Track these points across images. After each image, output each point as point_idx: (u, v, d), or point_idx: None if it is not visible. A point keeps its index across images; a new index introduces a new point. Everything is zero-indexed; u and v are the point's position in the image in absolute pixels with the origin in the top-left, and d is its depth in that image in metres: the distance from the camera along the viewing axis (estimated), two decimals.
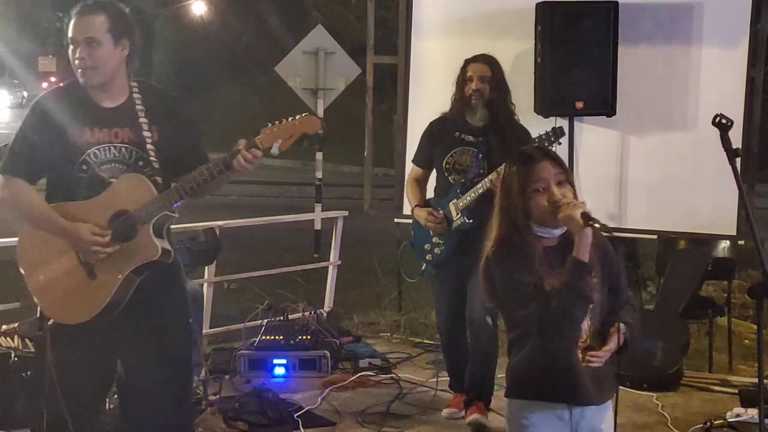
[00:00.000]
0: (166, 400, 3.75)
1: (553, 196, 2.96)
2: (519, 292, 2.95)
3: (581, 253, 2.90)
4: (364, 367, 6.17)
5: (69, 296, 3.63)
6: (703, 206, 6.50)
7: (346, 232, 7.53)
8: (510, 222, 3.02)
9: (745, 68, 6.34)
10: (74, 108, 3.62)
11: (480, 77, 5.19)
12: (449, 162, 5.26)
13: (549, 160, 3.02)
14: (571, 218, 2.89)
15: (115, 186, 3.59)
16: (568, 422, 3.07)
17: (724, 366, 6.35)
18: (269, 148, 3.59)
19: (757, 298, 3.12)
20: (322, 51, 9.72)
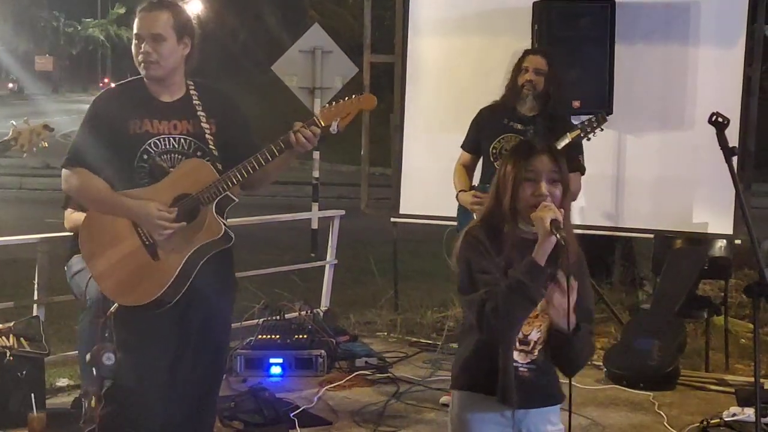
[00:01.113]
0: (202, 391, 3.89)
1: (539, 189, 2.95)
2: (474, 276, 2.92)
3: (539, 256, 2.86)
4: (361, 367, 6.16)
5: (133, 278, 3.72)
6: (699, 205, 6.51)
7: (342, 232, 7.52)
8: (497, 206, 3.01)
9: (741, 67, 6.35)
10: (134, 101, 3.77)
11: (535, 69, 5.24)
12: (496, 147, 5.29)
13: (549, 155, 3.00)
14: (541, 221, 2.87)
15: (176, 171, 3.73)
16: (510, 419, 3.05)
17: (720, 365, 6.35)
18: (328, 126, 3.72)
19: (754, 297, 3.11)
20: (319, 50, 9.72)
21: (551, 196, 2.95)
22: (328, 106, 3.75)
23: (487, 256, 2.94)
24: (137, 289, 3.71)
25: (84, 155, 3.74)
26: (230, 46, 30.91)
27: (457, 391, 3.12)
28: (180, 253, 3.71)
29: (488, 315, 2.85)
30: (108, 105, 3.80)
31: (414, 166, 7.19)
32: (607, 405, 5.54)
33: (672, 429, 5.19)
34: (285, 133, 3.75)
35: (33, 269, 5.94)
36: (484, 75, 6.79)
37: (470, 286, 2.93)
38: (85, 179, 3.74)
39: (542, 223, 2.86)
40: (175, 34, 3.76)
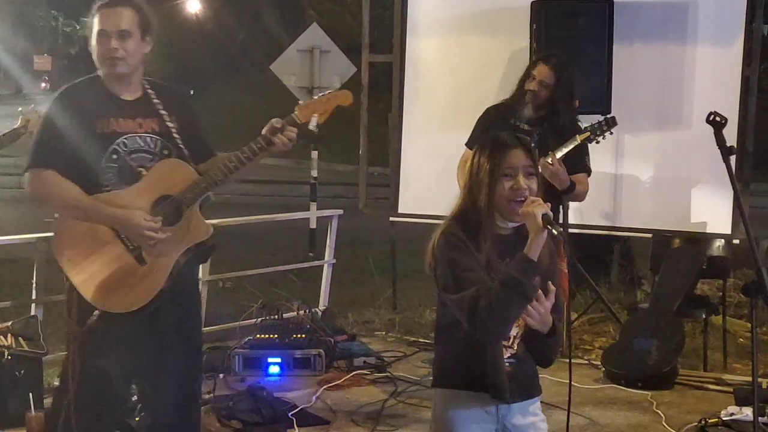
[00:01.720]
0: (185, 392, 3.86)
1: (517, 183, 2.93)
2: (459, 275, 2.89)
3: (532, 251, 2.84)
4: (359, 366, 6.16)
5: (120, 284, 3.62)
6: (697, 205, 6.51)
7: (340, 231, 7.51)
8: (471, 202, 2.98)
9: (740, 67, 6.35)
10: (97, 99, 3.68)
11: (540, 81, 5.30)
12: None
13: (522, 149, 2.99)
14: (532, 216, 2.84)
15: (153, 172, 3.65)
16: (494, 415, 3.04)
17: (718, 364, 6.35)
18: (307, 123, 3.67)
19: (751, 296, 3.11)
20: (317, 49, 9.72)
21: (528, 189, 2.94)
22: (304, 102, 3.71)
23: (469, 253, 2.92)
24: (127, 295, 3.62)
25: (51, 156, 3.62)
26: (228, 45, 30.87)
27: (440, 390, 3.11)
28: (167, 257, 3.64)
29: (482, 313, 2.82)
30: (72, 103, 3.69)
31: (412, 165, 7.19)
32: (606, 404, 5.54)
33: (670, 428, 5.19)
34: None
35: (31, 269, 5.93)
36: (483, 74, 6.80)
37: (456, 286, 2.90)
38: (56, 183, 3.61)
39: (533, 219, 2.83)
40: (140, 31, 3.69)
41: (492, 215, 2.96)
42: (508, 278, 2.84)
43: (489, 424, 3.05)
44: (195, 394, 4.01)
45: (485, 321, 2.84)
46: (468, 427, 3.04)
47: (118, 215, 3.58)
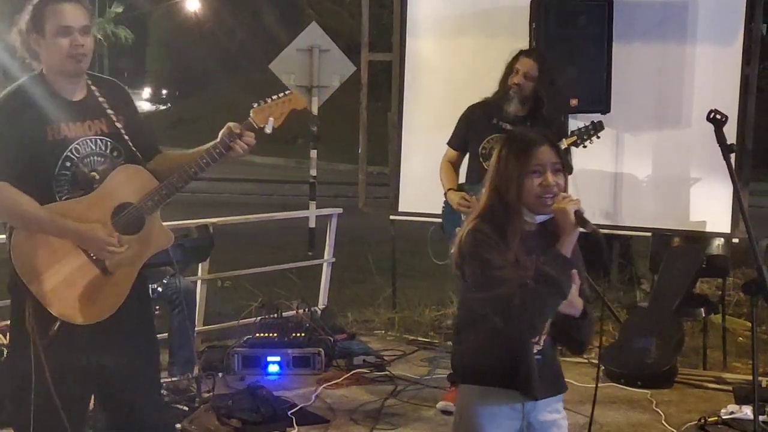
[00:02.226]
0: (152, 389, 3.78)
1: (546, 180, 2.95)
2: (489, 273, 2.89)
3: (566, 248, 2.88)
4: (358, 365, 6.16)
5: (86, 296, 3.49)
6: (697, 204, 6.51)
7: (340, 230, 7.51)
8: (499, 200, 2.99)
9: (739, 66, 6.35)
10: (44, 103, 3.48)
11: (525, 73, 5.24)
12: (485, 147, 5.28)
13: (549, 145, 3.00)
14: (565, 213, 2.88)
15: (111, 180, 3.50)
16: (519, 411, 3.05)
17: (718, 363, 6.35)
18: (263, 127, 3.58)
19: (751, 295, 3.11)
20: (316, 48, 9.72)
21: (557, 186, 2.95)
22: (259, 107, 3.61)
23: (499, 251, 2.93)
24: (94, 306, 3.49)
25: (1, 167, 3.40)
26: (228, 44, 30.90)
27: (466, 386, 3.10)
28: (132, 266, 3.54)
29: (517, 311, 2.83)
30: (18, 109, 3.44)
31: (412, 164, 7.19)
32: (605, 403, 5.53)
33: (670, 427, 5.19)
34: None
35: None
36: (482, 73, 6.77)
37: (487, 284, 2.90)
38: (9, 196, 3.39)
39: (566, 215, 2.87)
40: (91, 27, 3.57)
41: (520, 212, 2.98)
42: (543, 275, 2.85)
43: (514, 420, 3.06)
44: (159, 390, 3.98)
45: (521, 318, 2.85)
46: (494, 423, 3.04)
47: (79, 230, 3.44)
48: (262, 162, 22.37)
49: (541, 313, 2.90)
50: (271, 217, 8.17)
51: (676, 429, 5.16)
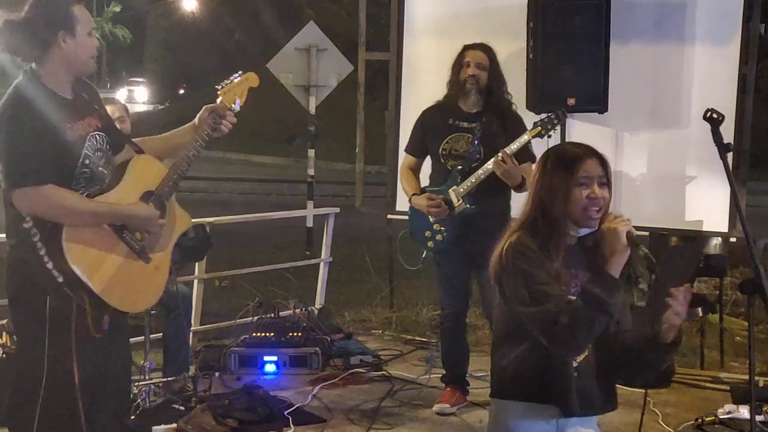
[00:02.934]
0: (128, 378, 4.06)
1: (593, 192, 2.94)
2: (534, 288, 2.86)
3: (615, 269, 2.86)
4: (355, 364, 6.16)
5: (136, 285, 3.65)
6: (694, 203, 6.50)
7: (338, 230, 7.51)
8: (543, 212, 2.96)
9: (736, 65, 6.33)
10: (54, 103, 3.53)
11: (477, 64, 5.24)
12: (445, 149, 5.28)
13: (597, 159, 2.99)
14: (617, 234, 2.87)
15: (132, 170, 3.67)
16: (554, 426, 3.02)
17: (715, 363, 6.35)
18: (232, 107, 3.85)
19: (748, 294, 3.10)
20: (314, 48, 9.72)
21: (603, 199, 2.95)
22: (225, 87, 3.84)
23: (542, 265, 2.90)
24: (144, 294, 3.71)
25: (42, 166, 3.44)
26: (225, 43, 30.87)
27: (500, 400, 3.07)
28: (165, 251, 3.74)
29: (564, 330, 2.80)
30: (36, 113, 3.48)
31: None
32: None
33: (667, 427, 5.19)
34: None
35: None
36: None
37: (531, 299, 2.86)
38: (62, 195, 3.47)
39: (618, 236, 2.87)
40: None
41: (566, 225, 2.96)
42: (592, 297, 2.82)
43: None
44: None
45: (567, 338, 2.83)
46: None
47: (134, 210, 3.61)
48: (260, 161, 22.37)
49: (589, 334, 2.86)
50: (268, 216, 8.17)
51: (674, 429, 5.16)
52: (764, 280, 3.04)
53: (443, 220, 5.25)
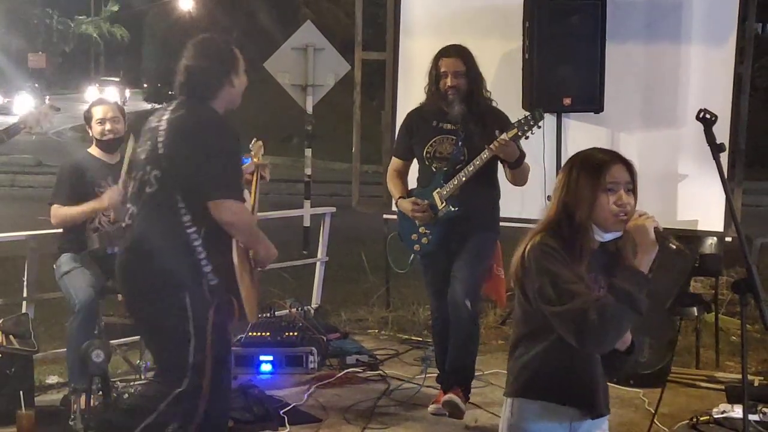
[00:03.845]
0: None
1: (621, 198, 2.93)
2: (560, 286, 2.84)
3: (644, 265, 2.85)
4: (351, 364, 6.16)
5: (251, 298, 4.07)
6: (690, 203, 6.51)
7: (334, 229, 7.51)
8: (567, 216, 2.94)
9: (732, 65, 6.34)
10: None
11: (454, 73, 5.15)
12: (429, 151, 5.24)
13: (624, 165, 3.00)
14: (645, 230, 2.87)
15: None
16: (567, 429, 3.00)
17: (710, 362, 6.35)
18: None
19: (741, 294, 3.10)
20: (311, 47, 9.71)
21: (629, 205, 2.94)
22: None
23: (567, 265, 2.89)
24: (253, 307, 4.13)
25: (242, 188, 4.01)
26: None
27: (518, 399, 3.04)
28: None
29: (592, 326, 2.78)
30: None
31: None
32: None
33: (662, 426, 5.19)
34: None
35: (23, 266, 5.92)
36: None
37: (558, 298, 2.84)
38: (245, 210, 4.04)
39: (646, 232, 2.87)
40: None
41: (591, 229, 2.95)
42: (621, 292, 2.81)
43: None
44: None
45: (596, 334, 2.80)
46: None
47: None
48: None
49: (619, 330, 2.85)
50: (265, 216, 8.14)
51: (669, 428, 5.16)
52: (757, 280, 3.04)
53: (428, 224, 5.25)
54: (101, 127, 5.41)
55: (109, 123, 5.42)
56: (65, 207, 5.27)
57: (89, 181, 5.33)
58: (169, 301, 3.84)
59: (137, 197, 3.96)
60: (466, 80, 5.15)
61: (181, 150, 3.87)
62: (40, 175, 17.79)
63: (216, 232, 3.86)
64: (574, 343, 2.83)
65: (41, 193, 15.00)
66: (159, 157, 3.89)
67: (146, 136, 4.02)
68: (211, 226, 3.84)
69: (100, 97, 11.78)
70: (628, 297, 2.80)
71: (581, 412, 2.99)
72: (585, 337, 2.81)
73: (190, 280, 3.85)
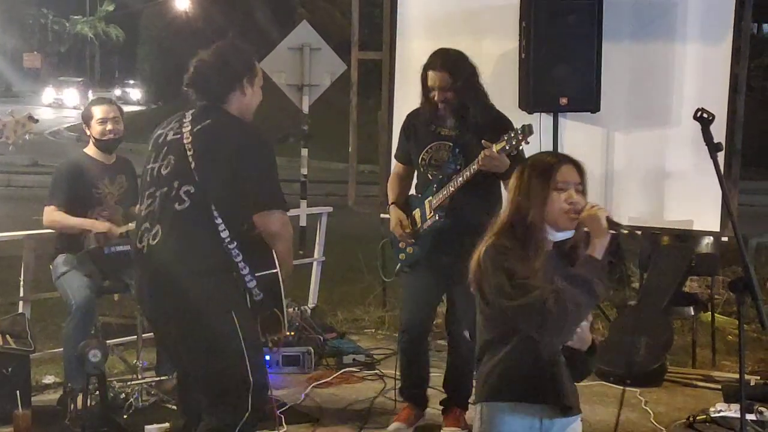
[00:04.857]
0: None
1: (571, 196, 3.00)
2: (517, 282, 2.88)
3: (598, 252, 2.92)
4: (348, 363, 6.16)
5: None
6: (686, 202, 6.51)
7: (331, 229, 7.50)
8: (521, 218, 3.00)
9: (728, 65, 6.35)
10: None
11: (441, 88, 4.87)
12: (425, 158, 5.01)
13: (573, 165, 3.07)
14: (597, 218, 2.94)
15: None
16: (538, 428, 3.03)
17: (707, 362, 6.37)
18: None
19: (738, 293, 3.11)
20: (307, 47, 9.70)
21: (580, 204, 3.01)
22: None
23: (523, 263, 2.93)
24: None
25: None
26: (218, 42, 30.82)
27: (487, 404, 3.06)
28: None
29: (552, 314, 2.82)
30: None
31: None
32: (594, 402, 5.54)
33: (658, 425, 5.20)
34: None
35: (19, 266, 5.92)
36: None
37: (516, 293, 2.88)
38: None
39: (598, 222, 2.95)
40: None
41: (544, 229, 3.01)
42: (577, 278, 2.87)
43: None
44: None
45: (556, 322, 2.85)
46: None
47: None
48: None
49: (577, 316, 2.90)
50: None
51: (665, 427, 5.17)
52: (754, 279, 3.05)
53: (415, 235, 5.01)
54: (102, 127, 5.38)
55: (110, 123, 5.40)
56: (62, 213, 5.25)
57: (87, 182, 5.32)
58: (218, 322, 3.66)
59: (161, 216, 3.70)
60: (454, 93, 4.86)
61: (216, 163, 3.67)
62: (36, 175, 17.77)
63: (255, 245, 3.72)
64: (535, 335, 2.89)
65: (37, 193, 14.97)
66: (191, 172, 3.66)
67: (163, 150, 3.79)
68: (249, 240, 3.71)
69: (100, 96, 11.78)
70: (584, 283, 2.87)
71: (549, 407, 3.02)
72: (546, 326, 2.86)
73: (236, 297, 3.72)
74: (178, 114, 3.93)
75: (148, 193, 3.79)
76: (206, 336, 3.68)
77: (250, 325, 3.74)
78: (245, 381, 3.69)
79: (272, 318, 3.84)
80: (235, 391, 3.71)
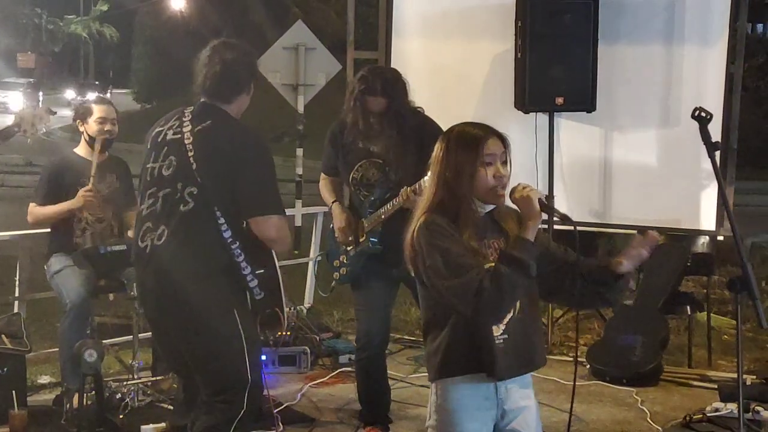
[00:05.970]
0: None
1: (499, 171, 3.01)
2: (451, 260, 2.91)
3: (530, 233, 2.93)
4: (344, 363, 6.15)
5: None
6: (682, 202, 6.52)
7: (326, 228, 7.48)
8: (449, 193, 3.01)
9: (724, 65, 6.36)
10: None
11: (379, 112, 4.60)
12: (356, 177, 4.76)
13: (498, 137, 3.05)
14: (530, 200, 2.94)
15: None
16: (494, 400, 3.07)
17: (703, 361, 6.37)
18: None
19: (735, 292, 3.11)
20: (302, 47, 9.71)
21: (506, 177, 3.03)
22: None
23: (456, 240, 2.96)
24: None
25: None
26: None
27: (439, 381, 3.11)
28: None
29: (488, 295, 2.85)
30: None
31: None
32: (590, 401, 5.54)
33: (655, 425, 5.21)
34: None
35: (14, 266, 5.91)
36: (467, 73, 6.80)
37: (450, 272, 2.91)
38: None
39: (531, 202, 2.93)
40: None
41: (473, 203, 3.03)
42: (512, 259, 2.89)
43: (489, 410, 3.08)
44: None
45: (492, 303, 2.88)
46: (470, 414, 3.06)
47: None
48: None
49: (512, 295, 2.93)
50: None
51: (661, 427, 5.17)
52: (752, 278, 3.04)
53: (348, 254, 4.82)
54: (100, 126, 5.37)
55: (108, 124, 5.40)
56: (40, 207, 5.26)
57: (70, 181, 5.28)
58: (220, 321, 3.67)
59: (166, 216, 3.68)
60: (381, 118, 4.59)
61: (216, 165, 3.65)
62: (30, 175, 17.73)
63: (256, 245, 3.73)
64: (469, 314, 2.91)
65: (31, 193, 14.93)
66: (193, 173, 3.65)
67: (164, 150, 3.75)
68: (251, 241, 3.71)
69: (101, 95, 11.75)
70: (519, 263, 2.88)
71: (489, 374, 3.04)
72: (481, 306, 2.88)
73: (238, 296, 3.74)
74: (176, 111, 3.89)
75: (149, 192, 3.76)
76: (209, 335, 3.68)
77: (250, 323, 3.76)
78: (244, 379, 3.70)
79: (272, 316, 3.85)
80: (232, 389, 3.72)
